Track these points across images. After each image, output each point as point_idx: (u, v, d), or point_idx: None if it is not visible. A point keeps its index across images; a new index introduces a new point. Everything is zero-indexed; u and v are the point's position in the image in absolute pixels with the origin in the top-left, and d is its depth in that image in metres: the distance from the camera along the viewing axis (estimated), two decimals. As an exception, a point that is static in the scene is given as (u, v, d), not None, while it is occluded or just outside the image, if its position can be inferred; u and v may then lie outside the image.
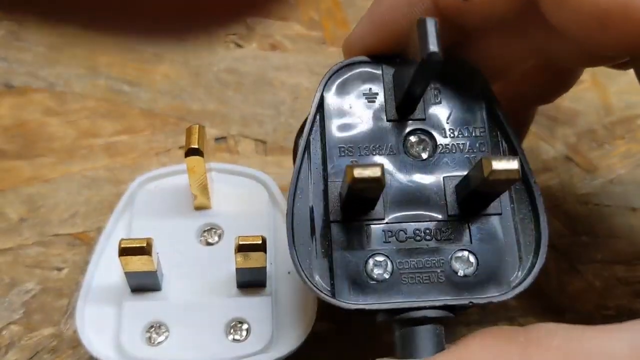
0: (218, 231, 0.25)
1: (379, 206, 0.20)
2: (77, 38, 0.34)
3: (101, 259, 0.25)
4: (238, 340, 0.23)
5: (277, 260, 0.25)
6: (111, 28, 0.34)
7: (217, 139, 0.31)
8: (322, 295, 0.20)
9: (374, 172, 0.18)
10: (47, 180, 0.29)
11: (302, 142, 0.21)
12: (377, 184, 0.18)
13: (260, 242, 0.22)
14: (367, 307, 0.19)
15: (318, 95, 0.22)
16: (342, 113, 0.21)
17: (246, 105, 0.32)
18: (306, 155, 0.21)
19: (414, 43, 0.18)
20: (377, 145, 0.21)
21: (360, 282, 0.20)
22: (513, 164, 0.18)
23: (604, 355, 0.16)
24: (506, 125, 0.21)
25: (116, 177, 0.29)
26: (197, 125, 0.23)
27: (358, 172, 0.18)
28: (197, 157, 0.23)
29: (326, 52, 0.34)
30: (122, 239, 0.22)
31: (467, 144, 0.21)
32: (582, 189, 0.29)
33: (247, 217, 0.26)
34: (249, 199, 0.26)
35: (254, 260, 0.22)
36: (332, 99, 0.21)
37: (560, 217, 0.29)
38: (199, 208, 0.26)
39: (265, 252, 0.22)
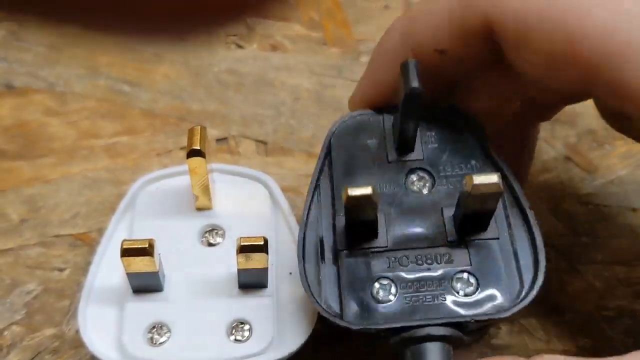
0: (219, 232, 0.25)
1: (381, 235, 0.22)
2: (77, 38, 0.34)
3: (103, 260, 0.25)
4: (240, 341, 0.23)
5: (278, 261, 0.25)
6: (111, 28, 0.34)
7: (217, 140, 0.31)
8: (331, 317, 0.21)
9: (366, 190, 0.20)
10: (48, 180, 0.29)
11: (311, 183, 0.23)
12: (369, 202, 0.20)
13: (262, 243, 0.22)
14: (373, 327, 0.21)
15: (326, 141, 0.24)
16: (348, 156, 0.23)
17: (247, 106, 0.32)
18: (316, 194, 0.23)
19: (400, 86, 0.21)
20: (381, 184, 0.23)
21: (367, 304, 0.21)
22: (493, 178, 0.20)
23: None
24: (497, 159, 0.23)
25: (117, 177, 0.29)
26: (199, 127, 0.24)
27: (351, 191, 0.20)
28: (199, 158, 0.23)
29: (326, 52, 0.34)
30: (125, 240, 0.22)
31: (463, 177, 0.22)
32: (582, 189, 0.30)
33: (249, 217, 0.26)
34: (250, 199, 0.26)
35: (255, 261, 0.23)
36: (339, 145, 0.24)
37: (560, 217, 0.29)
38: (200, 209, 0.26)
39: (267, 253, 0.22)
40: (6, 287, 0.27)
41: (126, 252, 0.22)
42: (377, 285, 0.21)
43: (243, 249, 0.22)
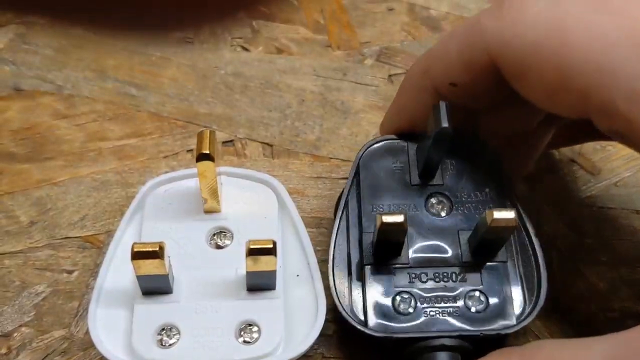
0: (228, 234, 0.26)
1: (404, 253, 0.24)
2: (84, 41, 0.34)
3: (112, 262, 0.25)
4: (248, 342, 0.23)
5: (286, 263, 0.25)
6: (118, 31, 0.34)
7: (224, 142, 0.31)
8: (357, 325, 0.23)
9: (399, 218, 0.22)
10: (56, 183, 0.30)
11: (341, 203, 0.26)
12: (400, 228, 0.23)
13: (271, 246, 0.22)
14: (394, 336, 0.23)
15: (355, 163, 0.26)
16: (374, 178, 0.26)
17: (253, 109, 0.32)
18: (344, 213, 0.25)
19: (431, 122, 0.24)
20: (404, 205, 0.25)
21: (389, 315, 0.23)
22: (510, 214, 0.22)
23: (583, 350, 0.19)
24: (509, 189, 0.25)
25: (125, 180, 0.30)
26: (208, 131, 0.24)
27: (385, 218, 0.22)
28: (208, 162, 0.24)
29: (331, 55, 0.34)
30: (135, 243, 0.22)
31: (478, 204, 0.25)
32: (586, 191, 0.30)
33: (257, 220, 0.26)
34: (257, 202, 0.26)
35: (264, 263, 0.23)
36: (366, 166, 0.26)
37: (564, 219, 0.29)
38: (208, 211, 0.26)
39: (276, 256, 0.22)
40: (15, 288, 0.27)
41: (137, 255, 0.22)
42: (398, 298, 0.24)
43: (252, 252, 0.22)
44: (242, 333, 0.24)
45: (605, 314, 0.27)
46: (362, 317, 0.24)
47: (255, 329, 0.24)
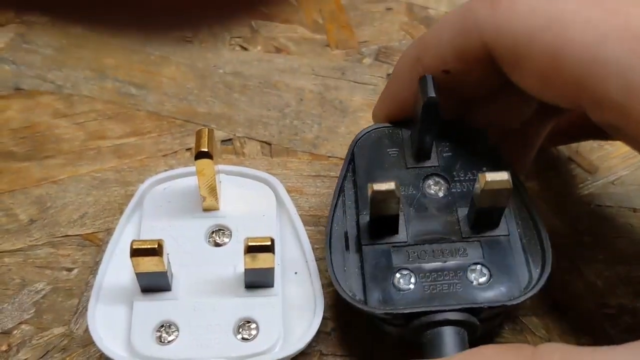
0: (226, 232, 0.26)
1: (402, 232, 0.24)
2: (84, 40, 0.34)
3: (112, 259, 0.25)
4: (247, 339, 0.24)
5: (285, 261, 0.26)
6: (118, 31, 0.35)
7: (223, 141, 0.31)
8: (356, 304, 0.23)
9: (390, 185, 0.22)
10: (56, 181, 0.30)
11: (336, 186, 0.26)
12: (392, 196, 0.22)
13: (269, 243, 0.22)
14: (395, 311, 0.23)
15: (350, 150, 0.26)
16: (370, 163, 0.26)
17: (251, 108, 0.32)
18: (341, 197, 0.25)
19: (419, 98, 0.24)
20: (400, 187, 0.25)
21: (388, 292, 0.23)
22: (504, 175, 0.22)
23: None
24: (507, 165, 0.24)
25: (124, 178, 0.30)
26: (207, 129, 0.24)
27: (377, 186, 0.22)
28: (207, 159, 0.24)
29: (330, 54, 0.34)
30: (134, 240, 0.22)
31: (475, 182, 0.24)
32: (583, 189, 0.30)
33: (255, 218, 0.26)
34: (256, 200, 0.27)
35: (262, 261, 0.23)
36: (361, 153, 0.26)
37: (562, 217, 0.29)
38: (207, 209, 0.26)
39: (274, 253, 0.23)
40: (15, 286, 0.27)
41: (136, 253, 0.22)
42: (398, 275, 0.23)
43: (250, 249, 0.22)
44: (240, 330, 0.24)
45: (602, 312, 0.27)
46: (361, 297, 0.23)
47: (253, 326, 0.24)
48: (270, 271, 0.24)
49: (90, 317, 0.24)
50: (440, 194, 0.25)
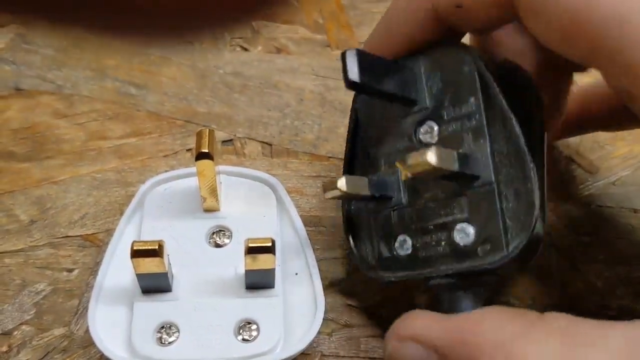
0: (227, 233, 0.26)
1: (397, 196, 0.24)
2: (84, 41, 0.34)
3: (112, 260, 0.25)
4: (247, 340, 0.24)
5: (285, 262, 0.26)
6: (118, 31, 0.35)
7: (223, 142, 0.31)
8: (367, 271, 0.25)
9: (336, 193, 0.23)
10: (56, 182, 0.30)
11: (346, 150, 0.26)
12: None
13: (269, 244, 0.22)
14: (394, 279, 0.24)
15: (352, 109, 0.27)
16: (371, 121, 0.26)
17: (252, 108, 0.32)
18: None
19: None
20: (398, 144, 0.24)
21: (390, 259, 0.24)
22: (423, 156, 0.20)
23: (600, 338, 0.19)
24: (500, 98, 0.22)
25: (125, 179, 0.30)
26: (207, 129, 0.24)
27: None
28: (207, 160, 0.24)
29: (330, 55, 0.34)
30: (135, 241, 0.22)
31: (465, 120, 0.22)
32: (584, 190, 0.30)
33: (255, 219, 0.26)
34: (256, 201, 0.27)
35: (263, 261, 0.23)
36: (363, 111, 0.26)
37: (562, 217, 0.29)
38: (208, 210, 0.26)
39: (275, 254, 0.23)
40: (16, 287, 0.27)
41: (136, 254, 0.22)
42: (397, 243, 0.24)
43: (251, 250, 0.22)
44: (241, 331, 0.24)
45: (602, 312, 0.27)
46: (373, 262, 0.25)
47: (254, 327, 0.24)
48: (270, 272, 0.24)
49: (91, 318, 0.24)
50: (434, 141, 0.23)
